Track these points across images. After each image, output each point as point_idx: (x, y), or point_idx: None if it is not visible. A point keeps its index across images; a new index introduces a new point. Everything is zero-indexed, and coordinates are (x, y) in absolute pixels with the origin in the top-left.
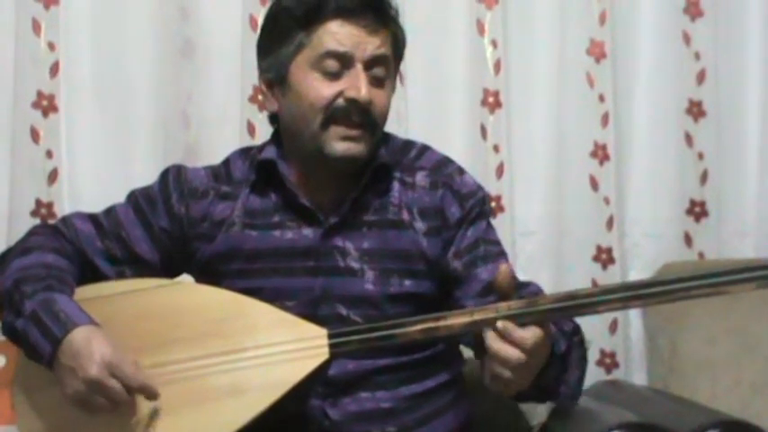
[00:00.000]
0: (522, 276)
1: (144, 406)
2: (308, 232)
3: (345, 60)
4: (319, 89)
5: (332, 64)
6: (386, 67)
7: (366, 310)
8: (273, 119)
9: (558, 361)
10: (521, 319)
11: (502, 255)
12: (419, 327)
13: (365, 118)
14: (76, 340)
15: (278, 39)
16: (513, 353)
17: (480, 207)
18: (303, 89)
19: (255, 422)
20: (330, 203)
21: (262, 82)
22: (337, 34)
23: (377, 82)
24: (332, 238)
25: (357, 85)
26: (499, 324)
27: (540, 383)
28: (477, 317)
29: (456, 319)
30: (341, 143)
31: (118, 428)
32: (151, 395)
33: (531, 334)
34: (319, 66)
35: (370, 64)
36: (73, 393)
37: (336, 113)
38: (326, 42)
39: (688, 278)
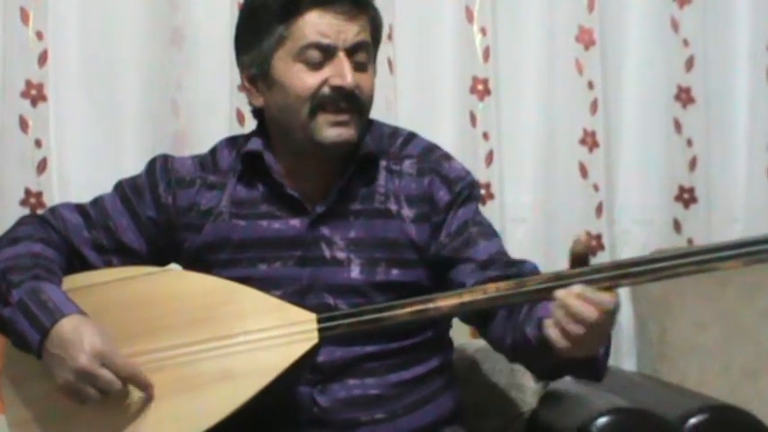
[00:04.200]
0: None
1: (135, 394)
2: (294, 222)
3: (328, 50)
4: (304, 79)
5: (314, 55)
6: (367, 52)
7: (353, 298)
8: (256, 113)
9: None
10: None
11: (494, 234)
12: (408, 309)
13: (352, 103)
14: (65, 330)
15: (257, 33)
16: (591, 312)
17: (469, 191)
18: (288, 81)
19: (245, 408)
20: (317, 193)
21: (244, 78)
22: (317, 25)
23: (360, 67)
24: (318, 227)
25: (342, 72)
26: (576, 288)
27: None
28: (465, 298)
29: (445, 301)
30: (331, 129)
31: (108, 417)
32: (142, 385)
33: (611, 297)
34: (302, 57)
35: (351, 51)
36: (63, 383)
37: (323, 101)
38: (308, 34)
39: (676, 256)
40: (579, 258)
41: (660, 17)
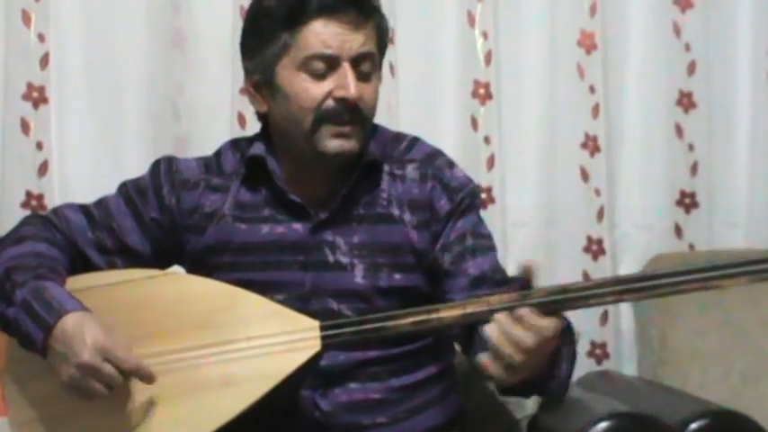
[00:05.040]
0: (512, 267)
1: (137, 397)
2: (298, 227)
3: (332, 61)
4: (308, 90)
5: (318, 65)
6: (371, 62)
7: (356, 303)
8: (261, 116)
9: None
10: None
11: (491, 249)
12: (411, 319)
13: (355, 115)
14: (68, 326)
15: (261, 40)
16: (528, 337)
17: (470, 200)
18: (292, 91)
19: (247, 413)
20: (320, 198)
21: (249, 83)
22: (322, 35)
23: (364, 77)
24: (322, 232)
25: (345, 83)
26: (522, 311)
27: (532, 376)
28: (469, 309)
29: (448, 312)
30: (333, 141)
31: (110, 420)
32: (145, 377)
33: (551, 323)
34: (306, 67)
35: (356, 61)
36: (68, 380)
37: (327, 114)
38: (312, 44)
39: (680, 272)
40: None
41: (662, 22)
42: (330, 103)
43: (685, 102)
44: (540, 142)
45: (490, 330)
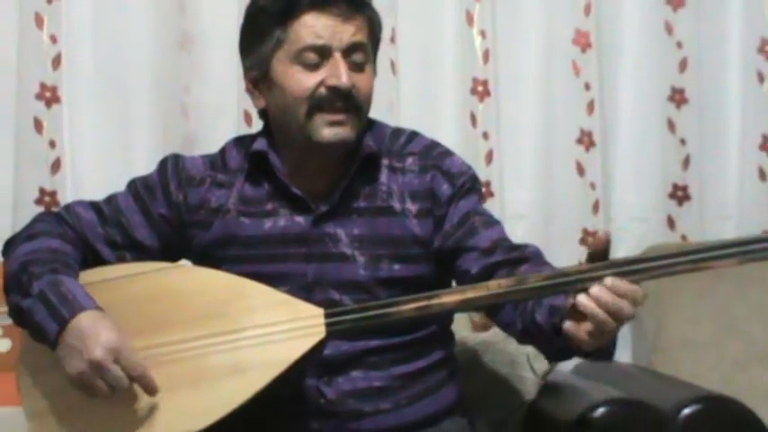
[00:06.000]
0: None
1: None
2: (300, 219)
3: (323, 51)
4: (301, 81)
5: (311, 56)
6: (364, 52)
7: (358, 294)
8: (263, 113)
9: None
10: (511, 296)
11: (497, 223)
12: (413, 305)
13: (349, 103)
14: (84, 322)
15: (257, 37)
16: (626, 305)
17: (471, 184)
18: (286, 83)
19: (254, 400)
20: (321, 191)
21: (247, 80)
22: (313, 27)
23: (357, 67)
24: (323, 224)
25: (337, 72)
26: (608, 281)
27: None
28: (469, 295)
29: (448, 297)
30: (328, 129)
31: (122, 408)
32: (149, 387)
33: (638, 288)
34: (299, 59)
35: (347, 51)
36: (75, 374)
37: (320, 102)
38: (303, 36)
39: (671, 255)
40: (599, 254)
41: (655, 20)
42: (322, 91)
43: (677, 97)
44: (536, 138)
45: (590, 305)
